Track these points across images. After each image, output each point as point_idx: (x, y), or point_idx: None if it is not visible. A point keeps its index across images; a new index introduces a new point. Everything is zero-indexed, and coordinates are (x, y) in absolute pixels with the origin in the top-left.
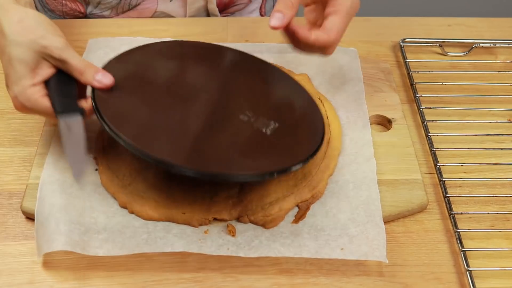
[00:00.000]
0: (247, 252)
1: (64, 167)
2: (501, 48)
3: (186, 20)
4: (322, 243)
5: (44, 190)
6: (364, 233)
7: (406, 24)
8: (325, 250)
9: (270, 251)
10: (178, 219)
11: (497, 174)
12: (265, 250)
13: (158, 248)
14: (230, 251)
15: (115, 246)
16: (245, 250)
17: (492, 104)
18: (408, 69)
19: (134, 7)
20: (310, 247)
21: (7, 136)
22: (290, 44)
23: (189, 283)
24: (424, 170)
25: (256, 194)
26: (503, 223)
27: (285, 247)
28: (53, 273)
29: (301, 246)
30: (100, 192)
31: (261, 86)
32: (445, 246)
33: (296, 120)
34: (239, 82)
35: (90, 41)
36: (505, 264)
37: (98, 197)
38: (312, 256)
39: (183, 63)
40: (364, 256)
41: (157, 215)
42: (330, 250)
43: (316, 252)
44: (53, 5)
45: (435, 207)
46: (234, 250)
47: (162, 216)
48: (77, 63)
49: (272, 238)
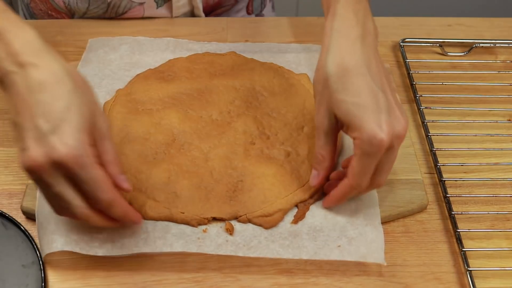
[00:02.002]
0: (246, 251)
1: None
2: (501, 48)
3: (186, 20)
4: (320, 244)
5: None
6: (363, 235)
7: (406, 24)
8: (324, 251)
9: (269, 252)
10: (177, 219)
11: (497, 174)
12: (264, 251)
13: (157, 248)
14: (229, 250)
15: (114, 246)
16: (244, 249)
17: (492, 104)
18: (408, 69)
19: (121, 15)
20: (308, 248)
21: (7, 136)
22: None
23: (189, 283)
24: (424, 170)
25: (254, 194)
26: (503, 223)
27: (284, 248)
28: (53, 273)
29: (300, 247)
30: None
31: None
32: (445, 246)
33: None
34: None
35: (90, 40)
36: (505, 264)
37: None
38: (310, 257)
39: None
40: (362, 257)
41: (156, 215)
42: (329, 251)
43: (314, 253)
44: (40, 16)
45: (435, 207)
46: (233, 250)
47: (161, 216)
48: (114, 148)
49: (271, 238)
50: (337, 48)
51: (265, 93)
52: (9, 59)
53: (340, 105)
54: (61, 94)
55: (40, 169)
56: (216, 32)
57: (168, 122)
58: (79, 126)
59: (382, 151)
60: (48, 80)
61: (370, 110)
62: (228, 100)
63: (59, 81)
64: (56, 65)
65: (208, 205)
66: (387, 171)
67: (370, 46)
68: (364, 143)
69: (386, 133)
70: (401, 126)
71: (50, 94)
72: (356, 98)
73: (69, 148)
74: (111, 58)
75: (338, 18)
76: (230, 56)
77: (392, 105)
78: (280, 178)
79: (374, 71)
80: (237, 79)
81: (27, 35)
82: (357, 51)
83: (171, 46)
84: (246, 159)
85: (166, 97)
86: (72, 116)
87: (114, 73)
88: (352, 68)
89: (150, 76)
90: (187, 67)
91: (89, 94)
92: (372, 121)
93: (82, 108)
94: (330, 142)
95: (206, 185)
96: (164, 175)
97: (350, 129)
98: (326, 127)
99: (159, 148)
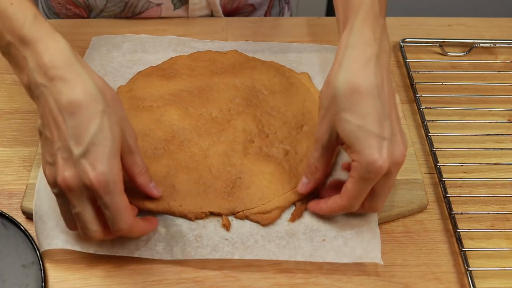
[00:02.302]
0: (242, 253)
1: None
2: (501, 48)
3: (186, 20)
4: (316, 245)
5: (43, 185)
6: (359, 236)
7: (406, 24)
8: (319, 252)
9: (265, 254)
10: (175, 212)
11: (497, 174)
12: (260, 252)
13: (158, 254)
14: (226, 252)
15: (114, 245)
16: (240, 250)
17: (492, 104)
18: (408, 69)
19: (138, 14)
20: (305, 249)
21: (7, 136)
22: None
23: (189, 283)
24: (424, 170)
25: (252, 191)
26: (503, 223)
27: (280, 249)
28: (53, 273)
29: (296, 248)
30: None
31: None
32: (445, 246)
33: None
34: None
35: (94, 38)
36: (505, 264)
37: None
38: (306, 259)
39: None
40: (358, 258)
41: (154, 207)
42: (324, 253)
43: (310, 255)
44: (58, 9)
45: (435, 207)
46: (229, 251)
47: (160, 208)
48: (142, 160)
49: (267, 237)
50: (350, 64)
51: (266, 91)
52: (39, 71)
53: (344, 124)
54: (92, 116)
55: (69, 189)
56: (216, 32)
57: (168, 119)
58: (109, 150)
59: (379, 177)
60: (78, 99)
61: (374, 136)
62: (229, 98)
63: (91, 101)
64: (87, 82)
65: (206, 200)
66: (384, 196)
67: (383, 66)
68: (363, 168)
69: (385, 160)
70: (400, 153)
71: (81, 116)
72: (361, 121)
73: (99, 174)
74: (114, 56)
75: (355, 33)
76: (232, 54)
77: (395, 131)
78: (278, 176)
79: (385, 94)
80: (237, 77)
81: (58, 45)
82: (371, 71)
83: (173, 44)
84: (245, 156)
85: (166, 94)
86: (103, 141)
87: (116, 70)
88: (363, 89)
89: (152, 73)
90: (189, 65)
91: (119, 110)
92: (374, 147)
93: (113, 129)
94: (326, 156)
95: (204, 180)
96: (163, 170)
97: (350, 150)
98: (325, 141)
99: (158, 144)
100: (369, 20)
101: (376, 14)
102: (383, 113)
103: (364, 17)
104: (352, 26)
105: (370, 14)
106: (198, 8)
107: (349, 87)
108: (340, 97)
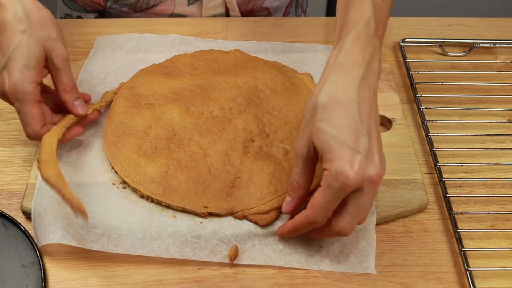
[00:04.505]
0: (239, 257)
1: (62, 162)
2: (501, 48)
3: (186, 20)
4: (312, 251)
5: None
6: (355, 242)
7: (406, 24)
8: (314, 259)
9: (262, 259)
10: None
11: (497, 174)
12: (257, 256)
13: (154, 252)
14: (223, 256)
15: (110, 243)
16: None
17: (492, 104)
18: (408, 69)
19: (152, 7)
20: (300, 255)
21: (7, 136)
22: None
23: (189, 283)
24: (424, 170)
25: (251, 191)
26: (503, 223)
27: (277, 254)
28: (53, 273)
29: (292, 253)
30: (98, 185)
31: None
32: (445, 246)
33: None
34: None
35: (98, 38)
36: (505, 264)
37: (97, 191)
38: (301, 266)
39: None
40: (351, 268)
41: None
42: (319, 261)
43: (305, 261)
44: None
45: (435, 207)
46: (226, 255)
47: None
48: (69, 78)
49: (265, 241)
50: (335, 80)
51: (267, 91)
52: None
53: (320, 134)
54: (13, 34)
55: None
56: (216, 32)
57: (169, 117)
58: (23, 64)
59: (347, 190)
60: (5, 20)
61: (347, 148)
62: (230, 97)
63: (14, 22)
64: (17, 6)
65: (205, 200)
66: (352, 216)
67: (369, 88)
68: (332, 177)
69: (355, 173)
70: (375, 171)
71: (6, 34)
72: (337, 131)
73: (11, 84)
74: (117, 55)
75: (344, 52)
76: (234, 53)
77: (372, 150)
78: (277, 176)
79: (366, 113)
80: (239, 77)
81: None
82: (354, 89)
83: (176, 43)
84: (245, 156)
85: (168, 92)
86: (19, 56)
87: (119, 69)
88: (342, 102)
89: (154, 71)
90: (191, 64)
91: (46, 32)
92: (345, 158)
93: (30, 47)
94: (306, 171)
95: (203, 180)
96: (162, 169)
97: (323, 160)
98: (304, 155)
99: (159, 143)
100: (361, 40)
101: (370, 34)
102: (361, 129)
103: (356, 36)
104: (343, 44)
105: (363, 33)
106: (212, 6)
107: (329, 99)
108: (320, 108)
